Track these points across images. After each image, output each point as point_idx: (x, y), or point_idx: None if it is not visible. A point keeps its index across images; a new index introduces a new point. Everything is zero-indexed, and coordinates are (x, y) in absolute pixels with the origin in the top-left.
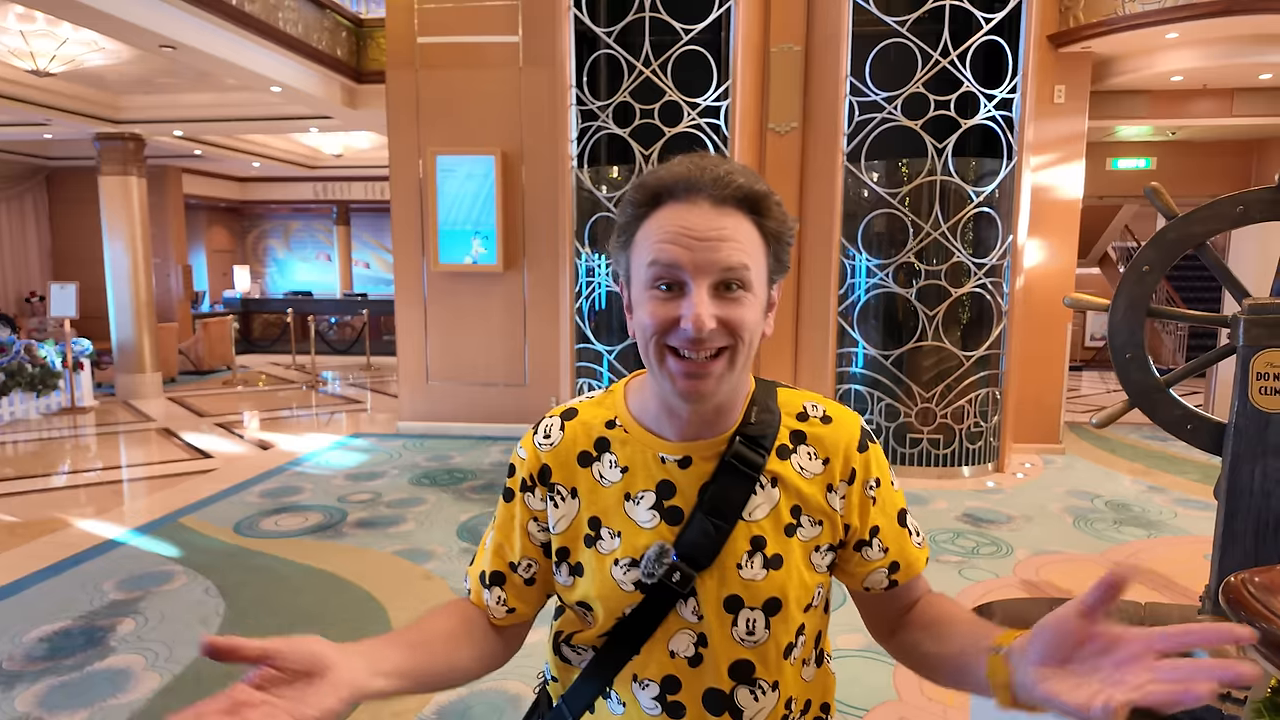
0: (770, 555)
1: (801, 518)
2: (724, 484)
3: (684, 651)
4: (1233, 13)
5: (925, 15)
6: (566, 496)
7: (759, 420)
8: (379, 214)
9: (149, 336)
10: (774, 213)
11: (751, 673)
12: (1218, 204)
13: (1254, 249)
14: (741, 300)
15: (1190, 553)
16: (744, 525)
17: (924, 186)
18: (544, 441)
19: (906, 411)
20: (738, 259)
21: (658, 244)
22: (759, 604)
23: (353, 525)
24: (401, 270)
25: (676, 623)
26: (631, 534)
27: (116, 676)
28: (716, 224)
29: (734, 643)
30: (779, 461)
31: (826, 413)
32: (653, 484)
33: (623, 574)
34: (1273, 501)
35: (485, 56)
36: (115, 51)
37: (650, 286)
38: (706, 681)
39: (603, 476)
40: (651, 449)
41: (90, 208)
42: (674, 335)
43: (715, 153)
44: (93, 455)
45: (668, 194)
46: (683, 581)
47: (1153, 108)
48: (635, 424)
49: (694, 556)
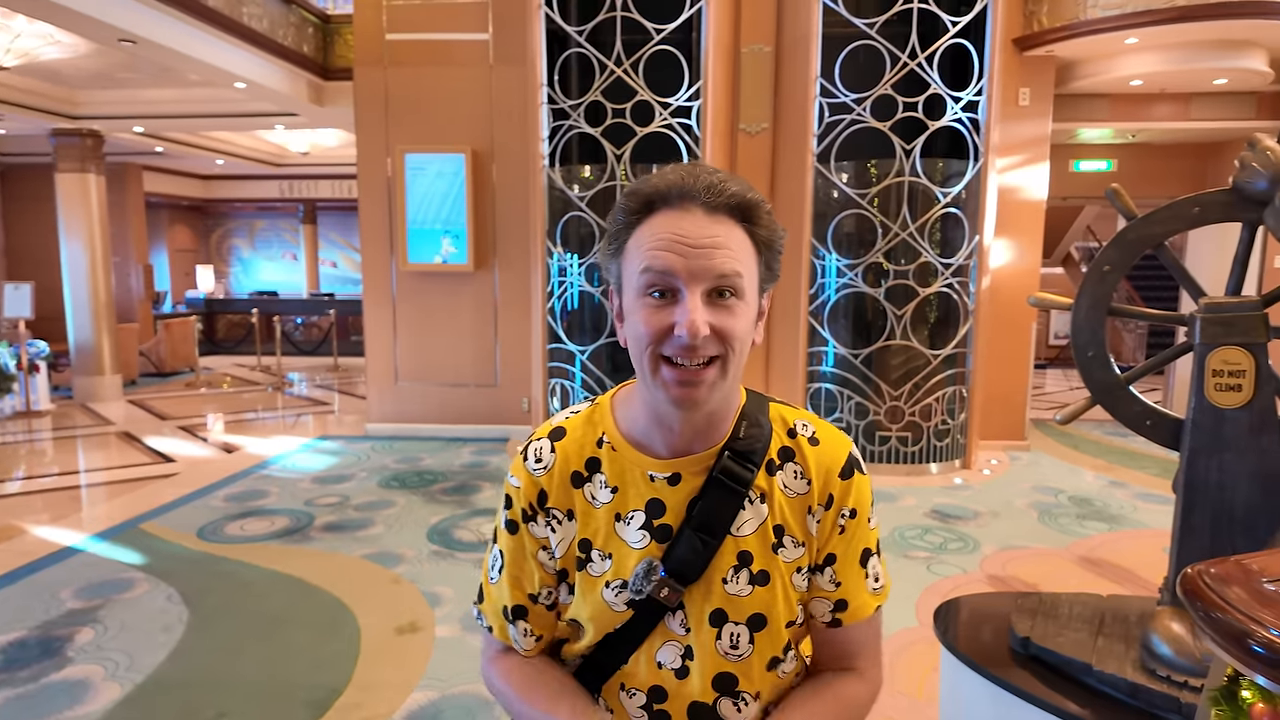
0: (756, 572)
1: (784, 538)
2: (712, 500)
3: (670, 663)
4: (1188, 19)
5: (894, 17)
6: (563, 519)
7: (748, 435)
8: (347, 213)
9: (108, 338)
10: (765, 221)
11: (735, 685)
12: (1175, 205)
13: (1211, 249)
14: (734, 309)
15: (1150, 546)
16: (731, 540)
17: (892, 187)
18: (537, 466)
19: (875, 410)
20: (731, 266)
21: (651, 251)
22: (743, 619)
23: (320, 529)
24: (370, 270)
25: (664, 634)
26: (622, 555)
27: (74, 688)
28: (710, 231)
29: (718, 656)
30: (767, 478)
31: (816, 434)
32: (642, 503)
33: (614, 596)
34: (1227, 495)
35: (455, 54)
36: (72, 45)
37: (643, 294)
38: (692, 694)
39: (594, 498)
40: (640, 467)
41: (47, 205)
42: (668, 344)
43: (687, 153)
44: (49, 460)
45: (661, 201)
46: (671, 596)
47: (1113, 111)
48: (623, 441)
49: (682, 572)
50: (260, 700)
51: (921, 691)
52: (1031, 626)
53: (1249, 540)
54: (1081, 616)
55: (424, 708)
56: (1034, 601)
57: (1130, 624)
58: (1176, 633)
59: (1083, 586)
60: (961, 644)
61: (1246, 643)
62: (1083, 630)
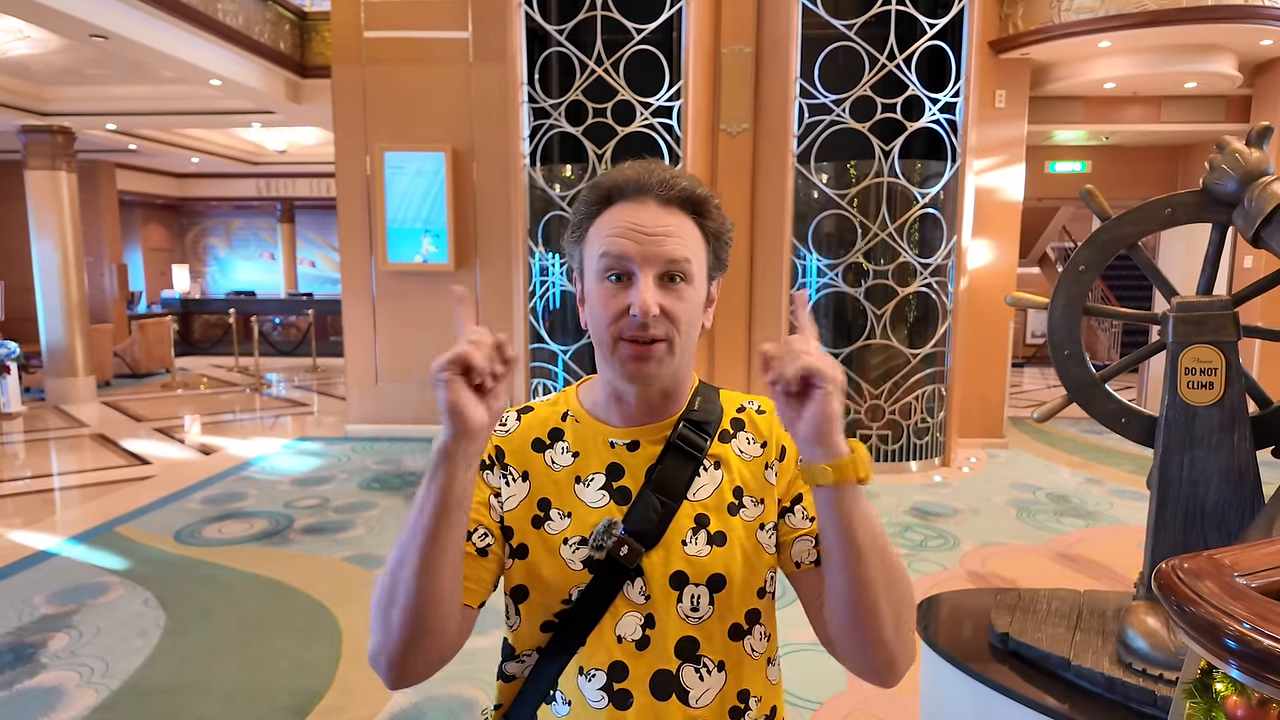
0: (714, 532)
1: (744, 498)
2: (670, 464)
3: (631, 635)
4: (1159, 23)
5: (872, 19)
6: (517, 479)
7: (702, 408)
8: (325, 211)
9: (81, 338)
10: (714, 214)
11: (696, 649)
12: (1148, 206)
13: (1182, 249)
14: (682, 292)
15: (1126, 541)
16: (688, 505)
17: (872, 188)
18: (500, 429)
19: (856, 408)
20: (681, 253)
21: (609, 238)
22: (703, 580)
23: (300, 531)
24: (349, 269)
25: (624, 605)
26: (582, 514)
27: (48, 695)
28: (663, 221)
29: (679, 619)
30: (721, 445)
31: (761, 406)
32: (602, 466)
33: (571, 552)
34: (1199, 490)
35: (434, 52)
36: (42, 40)
37: (602, 277)
38: (654, 663)
39: (554, 462)
40: (601, 434)
41: (16, 203)
42: (624, 322)
43: (668, 153)
44: (20, 463)
45: (619, 194)
46: (630, 555)
47: (1088, 113)
48: (586, 414)
49: (641, 533)
50: (239, 705)
51: (903, 687)
52: (1010, 622)
53: (1221, 535)
54: (1059, 612)
55: (405, 710)
56: (1013, 598)
57: (1107, 619)
58: (1152, 627)
59: (1060, 582)
60: (942, 640)
61: (1219, 636)
62: (1060, 625)
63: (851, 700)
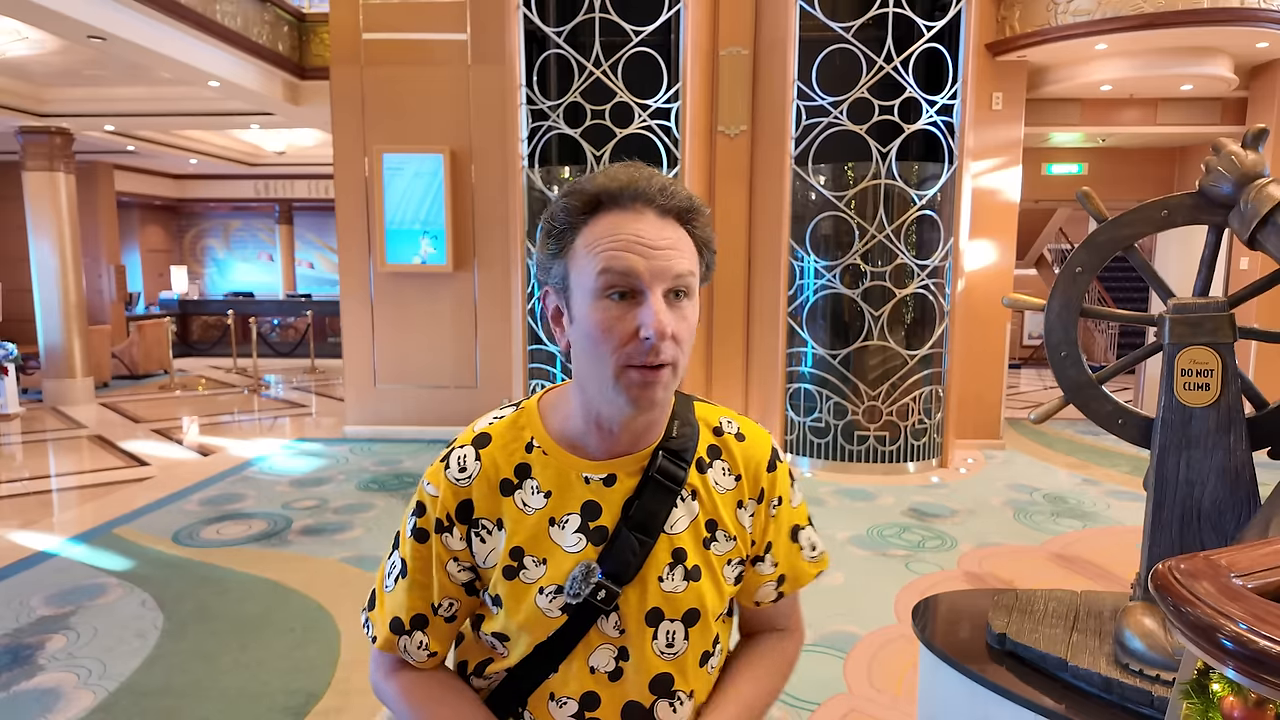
0: (690, 567)
1: (717, 532)
2: (648, 500)
3: (604, 666)
4: (1155, 26)
5: (869, 22)
6: (493, 529)
7: (680, 434)
8: (323, 213)
9: (79, 340)
10: (703, 223)
11: (671, 685)
12: (1144, 208)
13: (1179, 251)
14: (686, 310)
15: (1123, 542)
16: (666, 538)
17: (869, 190)
18: (460, 476)
19: (854, 409)
20: (686, 266)
21: (610, 252)
22: (679, 616)
23: (298, 533)
24: (347, 271)
25: (598, 638)
26: (558, 560)
27: (45, 696)
28: (665, 233)
29: (654, 656)
30: (698, 475)
31: (740, 430)
32: (578, 506)
33: (548, 602)
34: (1196, 492)
35: (433, 53)
36: (40, 41)
37: (601, 295)
38: (627, 694)
39: (525, 504)
40: (575, 469)
41: (14, 204)
42: (634, 351)
43: (666, 155)
44: (18, 464)
45: (610, 201)
46: (608, 599)
47: (1084, 115)
48: (554, 444)
49: (619, 573)
50: (238, 706)
51: (900, 688)
52: (1008, 623)
53: (1217, 536)
54: (1056, 613)
55: None
56: (1010, 598)
57: (1104, 619)
58: (1149, 627)
59: (1057, 583)
60: (939, 641)
61: (1216, 636)
62: (1057, 626)
63: (849, 702)
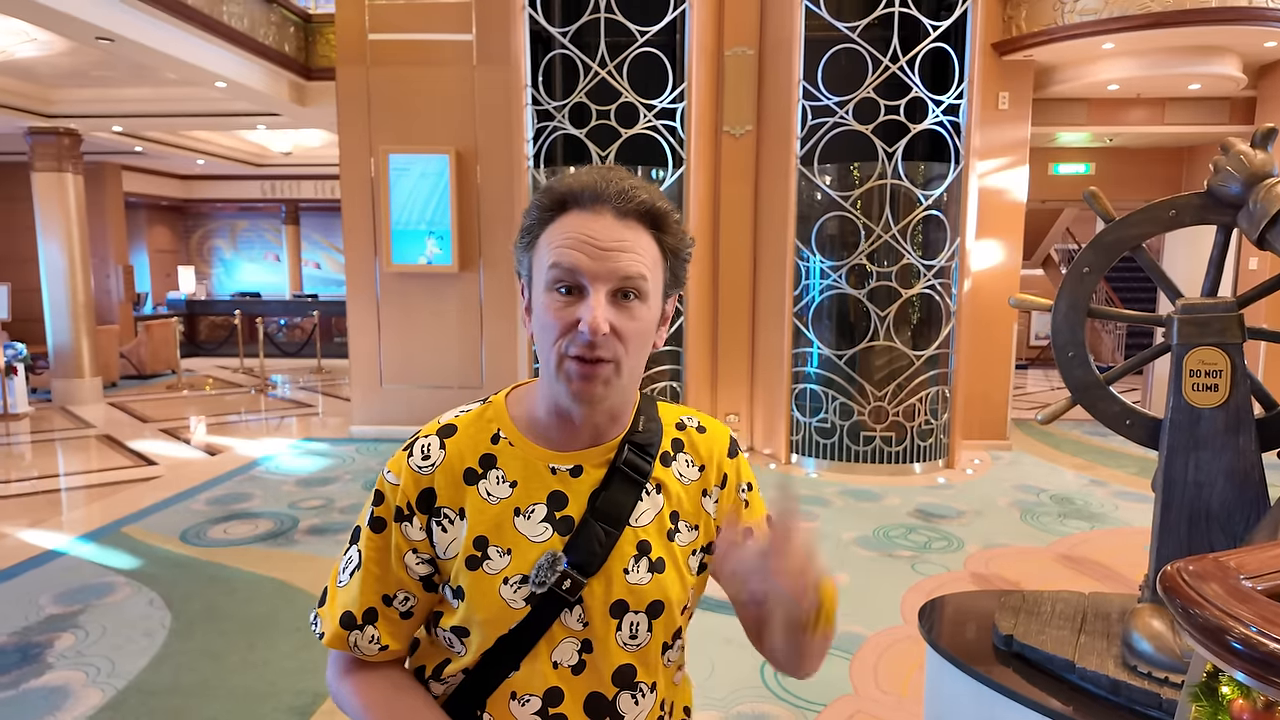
0: (654, 559)
1: (679, 523)
2: (614, 491)
3: (567, 660)
4: (1162, 25)
5: (875, 21)
6: (455, 519)
7: (646, 429)
8: (330, 213)
9: (88, 340)
10: (673, 230)
11: (634, 677)
12: (1152, 208)
13: (1187, 251)
14: (634, 311)
15: (1130, 543)
16: (630, 531)
17: (875, 190)
18: (423, 464)
19: (860, 410)
20: (636, 269)
21: (560, 248)
22: (643, 607)
23: (305, 532)
24: (354, 271)
25: (561, 632)
26: (523, 550)
27: (54, 694)
28: (618, 235)
29: (618, 648)
30: (662, 469)
31: (700, 424)
32: (544, 495)
33: (512, 592)
34: (1204, 493)
35: (438, 54)
36: (48, 42)
37: (550, 288)
38: (590, 686)
39: (490, 494)
40: (541, 459)
41: (23, 205)
42: (572, 340)
43: (671, 155)
44: (27, 464)
45: (573, 201)
46: (572, 589)
47: (1091, 115)
48: (521, 436)
49: (584, 563)
50: (245, 705)
51: (906, 689)
52: (1014, 624)
53: (1226, 537)
54: (1063, 614)
55: None
56: (1017, 599)
57: (1111, 621)
58: (1157, 629)
59: (1064, 584)
60: (946, 642)
61: (1225, 639)
62: (1065, 628)
63: (855, 703)
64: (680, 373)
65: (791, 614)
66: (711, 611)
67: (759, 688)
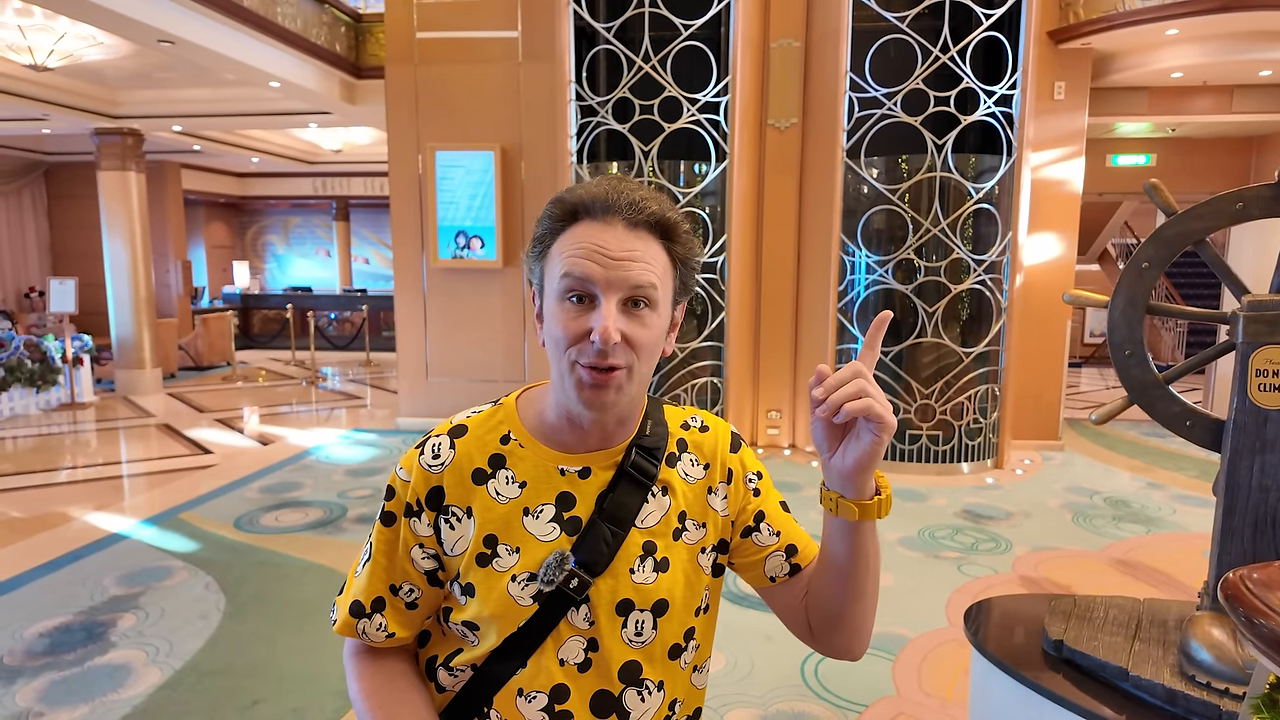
0: (660, 559)
1: (687, 522)
2: (621, 493)
3: (573, 658)
4: (1231, 9)
5: (925, 11)
6: (462, 517)
7: (653, 432)
8: (379, 210)
9: (148, 332)
10: (683, 240)
11: (639, 674)
12: (1217, 201)
13: (1253, 246)
14: (645, 319)
15: (1189, 549)
16: (637, 532)
17: (923, 183)
18: (433, 462)
19: (906, 408)
20: (646, 278)
21: (571, 258)
22: (648, 606)
23: (353, 520)
24: (401, 266)
25: (567, 630)
26: (531, 549)
27: (117, 672)
28: (629, 245)
29: (624, 644)
30: (668, 470)
31: (704, 423)
32: (552, 496)
33: (520, 589)
34: (1270, 498)
35: (484, 51)
36: (113, 46)
37: (562, 298)
38: (596, 684)
39: (499, 493)
40: (550, 461)
41: (89, 203)
42: (583, 348)
43: (715, 149)
44: (93, 450)
45: (585, 211)
46: (579, 588)
47: (1153, 104)
48: (531, 438)
49: (591, 563)
50: (295, 687)
51: (951, 693)
52: (1065, 629)
53: None
54: (1117, 620)
55: None
56: (1068, 604)
57: (1168, 629)
58: (1217, 638)
59: (1118, 589)
60: (992, 645)
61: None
62: (1118, 634)
63: (897, 705)
64: (721, 369)
65: (865, 454)
66: (752, 609)
67: (799, 686)
